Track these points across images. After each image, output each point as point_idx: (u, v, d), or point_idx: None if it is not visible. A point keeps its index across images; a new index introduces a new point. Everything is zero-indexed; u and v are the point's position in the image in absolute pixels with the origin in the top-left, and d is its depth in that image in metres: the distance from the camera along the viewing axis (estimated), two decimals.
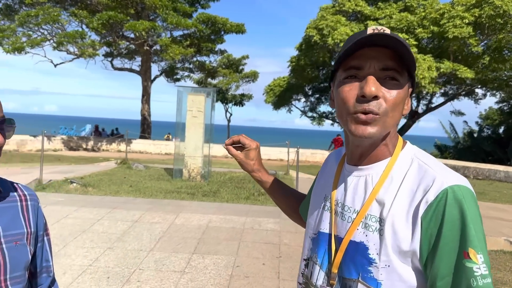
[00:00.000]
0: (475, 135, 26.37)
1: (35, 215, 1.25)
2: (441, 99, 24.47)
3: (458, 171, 17.68)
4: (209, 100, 10.50)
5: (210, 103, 10.59)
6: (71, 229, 5.63)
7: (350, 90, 0.95)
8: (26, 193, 1.26)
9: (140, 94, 25.24)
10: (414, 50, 17.52)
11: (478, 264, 0.86)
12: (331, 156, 1.25)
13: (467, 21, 16.98)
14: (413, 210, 0.91)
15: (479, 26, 17.57)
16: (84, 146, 22.17)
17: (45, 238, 1.33)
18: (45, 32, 21.04)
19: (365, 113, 0.93)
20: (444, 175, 0.92)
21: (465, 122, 27.12)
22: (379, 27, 0.95)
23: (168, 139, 26.07)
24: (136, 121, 27.40)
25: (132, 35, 22.22)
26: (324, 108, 29.97)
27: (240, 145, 1.39)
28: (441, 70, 17.65)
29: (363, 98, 0.92)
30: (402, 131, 25.30)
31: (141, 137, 23.73)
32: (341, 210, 1.05)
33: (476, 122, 28.68)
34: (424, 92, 20.92)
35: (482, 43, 18.78)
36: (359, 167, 1.04)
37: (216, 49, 25.45)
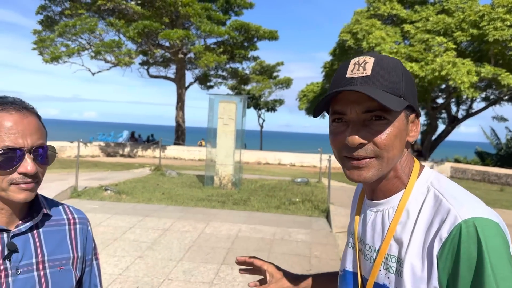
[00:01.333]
0: None
1: (83, 239, 1.25)
2: (482, 104, 23.55)
3: (501, 179, 17.00)
4: (240, 107, 10.50)
5: (241, 110, 10.59)
6: (103, 237, 5.72)
7: (337, 135, 0.91)
8: (76, 216, 1.26)
9: (175, 101, 25.68)
10: (452, 53, 16.96)
11: None
12: (358, 188, 1.16)
13: (508, 23, 16.27)
14: (427, 248, 0.84)
15: None
16: (120, 152, 22.73)
17: (94, 262, 1.32)
18: (83, 42, 21.79)
19: (356, 159, 0.89)
20: (460, 207, 0.82)
21: (507, 128, 25.97)
22: (361, 60, 0.89)
23: (201, 145, 26.35)
24: (171, 127, 27.86)
25: (167, 44, 22.65)
26: None
27: (251, 267, 1.29)
28: (482, 75, 16.96)
29: (348, 147, 0.89)
30: (440, 138, 24.52)
31: (175, 143, 24.10)
32: (363, 248, 1.00)
33: None
34: (464, 96, 20.19)
35: None
36: (375, 201, 0.98)
37: (249, 56, 25.57)
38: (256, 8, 27.07)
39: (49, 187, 8.08)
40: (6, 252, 1.06)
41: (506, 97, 22.42)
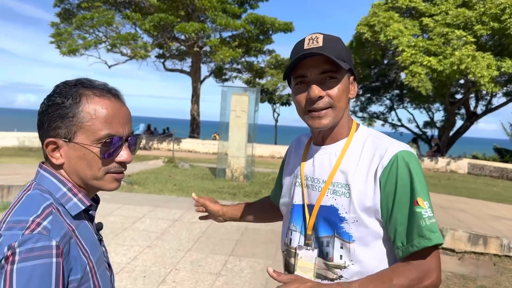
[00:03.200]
0: None
1: None
2: (503, 99, 22.98)
3: None
4: (252, 100, 10.44)
5: (253, 103, 10.53)
6: (113, 227, 5.75)
7: (301, 94, 1.22)
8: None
9: (190, 95, 25.74)
10: (472, 47, 16.54)
11: (425, 208, 1.13)
12: (295, 143, 1.51)
13: None
14: (373, 173, 1.18)
15: None
16: None
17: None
18: (100, 34, 21.96)
19: (316, 110, 1.20)
20: (393, 145, 1.21)
21: None
22: (314, 36, 1.20)
23: (215, 139, 26.40)
24: (186, 120, 27.95)
25: (182, 37, 22.67)
26: (375, 108, 29.24)
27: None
28: (503, 69, 16.52)
29: (311, 100, 1.19)
30: (458, 134, 24.04)
31: (190, 136, 24.16)
32: (311, 183, 1.30)
33: None
34: (484, 91, 19.74)
35: None
36: (323, 146, 1.31)
37: (264, 49, 25.43)
38: (272, 0, 26.95)
39: None
40: (97, 234, 1.13)
41: None
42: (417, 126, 27.85)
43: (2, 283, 0.84)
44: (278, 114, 31.80)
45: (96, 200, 1.16)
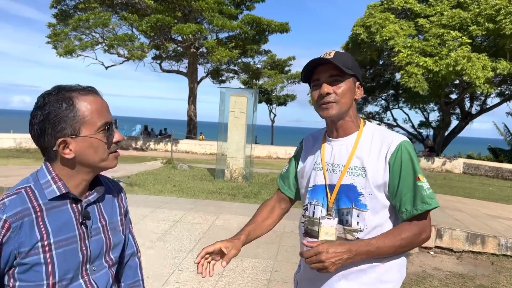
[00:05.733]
0: None
1: (125, 204, 1.51)
2: (497, 100, 23.16)
3: None
4: (251, 101, 10.49)
5: (252, 104, 10.58)
6: None
7: (316, 92, 1.62)
8: (118, 186, 1.50)
9: (187, 95, 25.74)
10: (467, 48, 16.67)
11: (425, 182, 1.54)
12: (310, 139, 1.84)
13: None
14: (383, 157, 1.55)
15: None
16: (133, 145, 22.90)
17: (130, 225, 1.56)
18: (97, 36, 21.92)
19: (325, 103, 1.59)
20: (397, 136, 1.59)
21: None
22: (328, 52, 1.60)
23: (203, 139, 26.32)
24: (183, 121, 27.95)
25: (179, 38, 22.68)
26: (371, 108, 29.25)
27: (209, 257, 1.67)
28: (498, 70, 16.65)
29: (321, 95, 1.59)
30: (453, 134, 24.20)
31: (187, 137, 24.18)
32: (331, 167, 1.65)
33: None
34: (478, 92, 19.88)
35: None
36: (339, 138, 1.67)
37: (261, 50, 25.47)
38: (268, 1, 27.01)
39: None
40: (81, 220, 1.28)
41: None
42: (413, 126, 28.01)
43: None
44: (275, 115, 31.88)
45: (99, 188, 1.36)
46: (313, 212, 1.66)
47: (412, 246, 1.56)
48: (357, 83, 1.64)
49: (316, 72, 1.61)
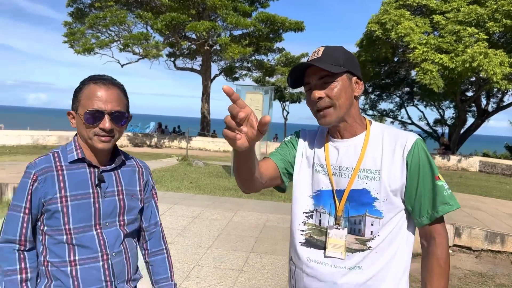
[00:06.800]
0: None
1: (146, 180, 1.73)
2: None
3: None
4: (267, 98, 10.51)
5: (268, 102, 10.60)
6: None
7: (309, 97, 1.47)
8: (142, 165, 1.76)
9: (200, 93, 25.85)
10: (484, 44, 16.44)
11: (444, 182, 1.43)
12: (308, 133, 1.64)
13: None
14: (400, 157, 1.41)
15: None
16: (148, 142, 23.11)
17: (152, 200, 1.78)
18: (113, 34, 22.12)
19: (320, 110, 1.43)
20: (410, 134, 1.45)
21: None
22: (317, 49, 1.45)
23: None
24: (197, 119, 28.08)
25: (193, 36, 22.77)
26: (385, 105, 29.15)
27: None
28: None
29: (313, 101, 1.43)
30: (469, 131, 23.91)
31: (201, 134, 24.30)
32: (338, 171, 1.47)
33: None
34: (495, 89, 19.61)
35: None
36: (344, 139, 1.50)
37: (274, 48, 25.44)
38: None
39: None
40: (96, 182, 1.55)
41: None
42: (428, 124, 27.75)
43: None
44: (288, 112, 31.86)
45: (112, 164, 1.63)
46: (320, 221, 1.48)
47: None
48: (354, 78, 1.45)
49: (306, 75, 1.46)
